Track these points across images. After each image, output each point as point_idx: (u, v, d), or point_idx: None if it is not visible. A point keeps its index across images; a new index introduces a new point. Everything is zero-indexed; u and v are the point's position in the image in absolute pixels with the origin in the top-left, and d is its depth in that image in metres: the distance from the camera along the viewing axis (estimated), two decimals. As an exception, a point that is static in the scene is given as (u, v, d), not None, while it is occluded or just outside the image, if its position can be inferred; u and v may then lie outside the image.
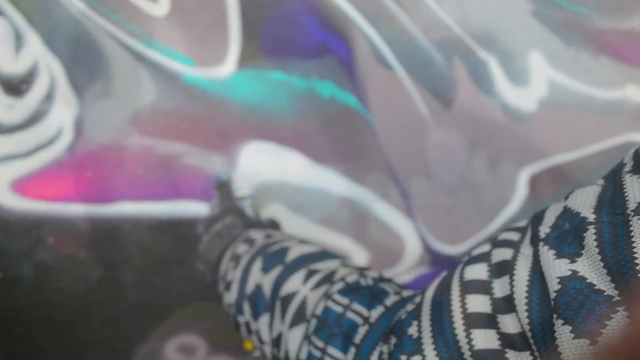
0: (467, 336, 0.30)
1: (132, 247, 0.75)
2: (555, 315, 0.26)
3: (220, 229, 0.62)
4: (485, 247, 0.34)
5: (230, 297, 0.51)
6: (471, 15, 0.75)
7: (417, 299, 0.36)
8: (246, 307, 0.49)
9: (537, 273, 0.29)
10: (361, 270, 0.45)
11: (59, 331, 0.77)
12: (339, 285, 0.42)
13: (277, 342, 0.44)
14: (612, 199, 0.28)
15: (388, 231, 0.82)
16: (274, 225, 0.68)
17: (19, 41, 0.65)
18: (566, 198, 0.31)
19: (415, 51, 0.75)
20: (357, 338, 0.38)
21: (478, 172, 0.83)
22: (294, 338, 0.42)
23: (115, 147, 0.71)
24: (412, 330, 0.33)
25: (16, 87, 0.66)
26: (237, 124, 0.74)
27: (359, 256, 0.87)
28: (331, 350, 0.38)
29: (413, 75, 0.76)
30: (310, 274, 0.44)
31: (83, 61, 0.67)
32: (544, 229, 0.30)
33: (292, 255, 0.48)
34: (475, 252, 0.34)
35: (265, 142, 0.75)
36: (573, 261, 0.27)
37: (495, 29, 0.77)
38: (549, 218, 0.31)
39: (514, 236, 0.33)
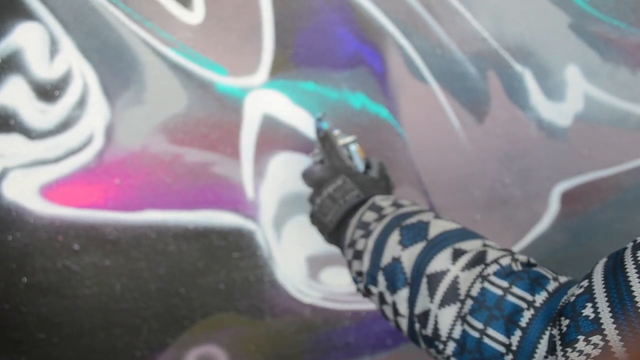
0: None
1: (157, 256, 0.75)
2: None
3: (332, 191, 0.60)
4: None
5: (363, 266, 0.51)
6: (507, 27, 0.74)
7: (584, 283, 0.36)
8: (381, 279, 0.49)
9: None
10: (509, 252, 0.44)
11: (80, 338, 0.76)
12: (493, 267, 0.42)
13: (423, 318, 0.45)
14: None
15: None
16: (384, 175, 0.65)
17: (54, 47, 0.65)
18: None
19: (449, 64, 0.73)
20: (523, 321, 0.38)
21: (510, 187, 0.81)
22: (445, 316, 0.43)
23: (145, 154, 0.70)
24: (587, 312, 0.33)
25: (49, 92, 0.66)
26: (267, 134, 0.73)
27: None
28: (492, 332, 0.39)
29: (446, 88, 0.75)
30: (458, 253, 0.45)
31: (116, 68, 0.67)
32: None
33: (434, 231, 0.48)
34: None
35: (294, 153, 0.74)
36: None
37: (532, 42, 0.75)
38: None
39: None
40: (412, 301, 0.46)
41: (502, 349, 0.39)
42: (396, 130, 0.76)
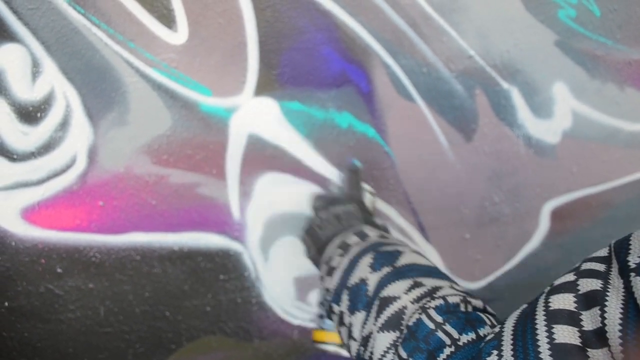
0: None
1: (142, 279, 0.73)
2: None
3: (341, 212, 0.62)
4: (570, 277, 0.33)
5: (331, 283, 0.51)
6: (493, 45, 0.73)
7: (497, 329, 0.35)
8: (345, 298, 0.49)
9: (632, 305, 0.27)
10: (466, 296, 0.44)
11: (64, 363, 0.75)
12: (437, 302, 0.42)
13: (365, 340, 0.44)
14: None
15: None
16: (385, 229, 0.67)
17: (36, 69, 0.65)
18: None
19: (436, 82, 0.73)
20: (441, 357, 0.38)
21: (499, 205, 0.81)
22: (382, 341, 0.42)
23: (129, 176, 0.69)
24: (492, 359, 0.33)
25: (31, 114, 0.66)
26: (253, 154, 0.72)
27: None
28: None
29: (433, 107, 0.74)
30: (416, 285, 0.44)
31: (99, 89, 0.66)
32: (634, 259, 0.29)
33: (403, 261, 0.48)
34: (559, 282, 0.33)
35: (281, 173, 0.74)
36: None
37: (518, 60, 0.75)
38: (637, 247, 0.29)
39: (598, 266, 0.32)
40: (364, 324, 0.45)
41: None
42: (383, 149, 0.75)
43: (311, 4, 0.67)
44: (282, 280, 0.79)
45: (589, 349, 0.29)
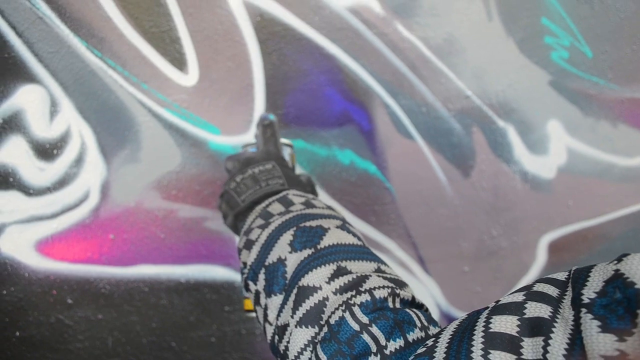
0: None
1: (150, 310, 0.75)
2: None
3: (258, 172, 0.55)
4: (518, 297, 0.30)
5: (249, 258, 0.47)
6: (489, 85, 0.76)
7: (430, 342, 0.32)
8: (261, 277, 0.44)
9: (579, 342, 0.25)
10: (395, 285, 0.40)
11: (71, 392, 0.76)
12: (363, 297, 0.37)
13: (282, 331, 0.41)
14: None
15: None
16: (310, 183, 0.62)
17: (54, 108, 0.68)
18: (618, 261, 0.27)
19: (434, 121, 0.76)
20: None
21: (497, 239, 0.82)
22: (299, 338, 0.38)
23: (139, 210, 0.72)
24: None
25: (48, 151, 0.69)
26: (259, 189, 0.75)
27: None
28: None
29: (432, 144, 0.77)
30: (340, 272, 0.40)
31: (113, 128, 0.69)
32: (589, 293, 0.26)
33: (327, 241, 0.43)
34: (506, 300, 0.30)
35: (285, 208, 0.76)
36: (622, 340, 0.23)
37: (514, 99, 0.78)
38: (595, 281, 0.27)
39: (552, 290, 0.29)
40: (281, 310, 0.42)
41: None
42: (384, 185, 0.78)
43: (315, 48, 0.71)
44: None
45: None
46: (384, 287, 0.39)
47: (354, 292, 0.38)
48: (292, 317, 0.39)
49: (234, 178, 0.56)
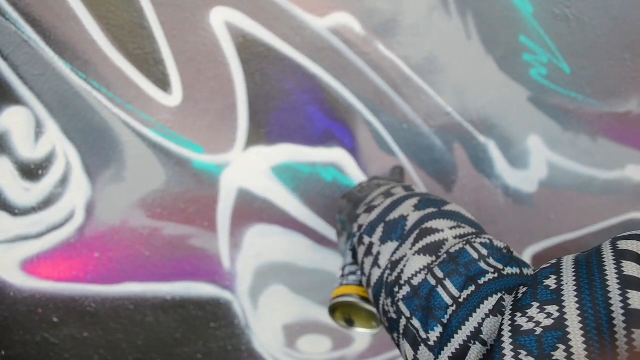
0: (622, 295, 0.29)
1: (135, 327, 0.75)
2: None
3: (382, 182, 0.62)
4: (637, 231, 0.33)
5: (368, 218, 0.50)
6: (470, 102, 0.78)
7: (553, 260, 0.35)
8: (379, 229, 0.47)
9: None
10: (508, 249, 0.43)
11: (57, 411, 0.76)
12: (483, 239, 0.41)
13: (395, 264, 0.43)
14: None
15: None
16: None
17: (39, 129, 0.69)
18: None
19: (416, 137, 0.77)
20: (482, 280, 0.37)
21: (481, 252, 0.83)
22: (415, 263, 0.41)
23: (124, 229, 0.73)
24: (550, 282, 0.32)
25: (33, 171, 0.69)
26: (243, 207, 0.75)
27: (362, 338, 0.86)
28: (448, 284, 0.38)
29: (414, 160, 0.78)
30: (460, 227, 0.44)
31: (98, 148, 0.70)
32: None
33: (450, 208, 0.47)
34: (624, 234, 0.33)
35: (269, 225, 0.77)
36: None
37: (494, 115, 0.79)
38: None
39: None
40: (395, 252, 0.44)
41: (449, 301, 0.37)
42: (367, 201, 0.79)
43: (297, 67, 0.72)
44: (272, 328, 0.81)
45: None
46: (501, 242, 0.42)
47: (473, 236, 0.42)
48: (410, 249, 0.42)
49: (360, 184, 0.63)
